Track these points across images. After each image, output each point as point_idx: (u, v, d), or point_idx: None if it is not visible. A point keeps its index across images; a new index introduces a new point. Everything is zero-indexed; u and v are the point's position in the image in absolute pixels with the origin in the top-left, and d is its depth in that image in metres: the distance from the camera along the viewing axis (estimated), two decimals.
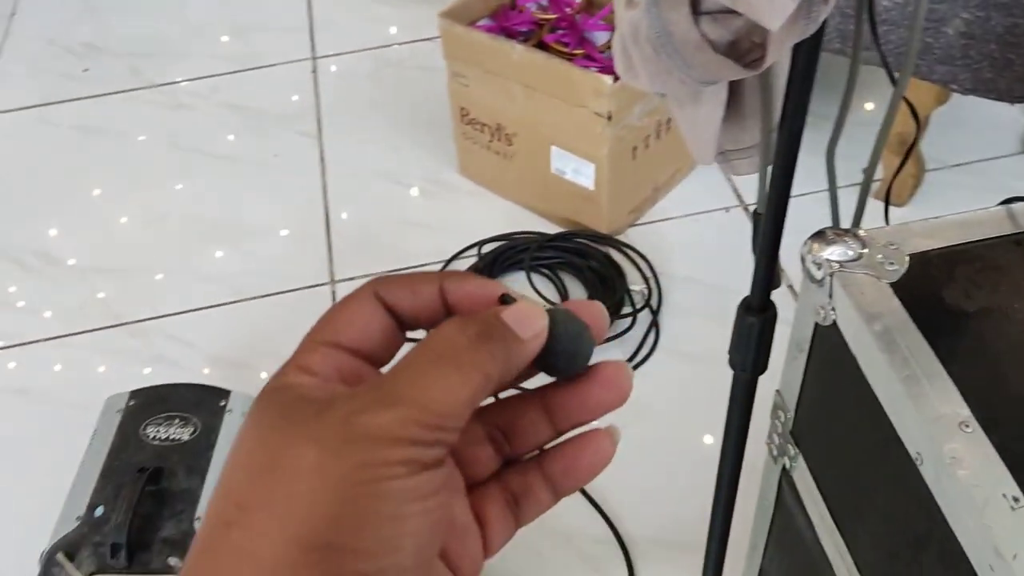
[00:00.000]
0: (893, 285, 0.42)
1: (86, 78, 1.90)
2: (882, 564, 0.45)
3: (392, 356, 0.28)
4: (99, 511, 1.02)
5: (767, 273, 0.54)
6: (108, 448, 1.08)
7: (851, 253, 0.44)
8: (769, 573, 0.63)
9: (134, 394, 1.14)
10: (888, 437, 0.41)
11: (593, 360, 0.28)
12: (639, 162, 1.41)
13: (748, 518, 0.73)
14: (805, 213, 0.63)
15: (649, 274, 1.40)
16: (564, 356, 0.26)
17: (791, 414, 0.53)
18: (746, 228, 1.48)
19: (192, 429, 1.09)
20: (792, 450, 0.53)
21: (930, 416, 0.37)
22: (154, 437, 1.09)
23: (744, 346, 0.57)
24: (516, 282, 1.40)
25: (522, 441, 0.29)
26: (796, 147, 0.50)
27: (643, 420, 1.23)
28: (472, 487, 0.29)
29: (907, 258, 0.43)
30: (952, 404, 0.38)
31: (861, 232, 0.46)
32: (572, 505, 1.15)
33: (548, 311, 0.26)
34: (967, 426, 0.37)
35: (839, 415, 0.47)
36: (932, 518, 0.39)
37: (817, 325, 0.47)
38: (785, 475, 0.56)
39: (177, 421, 1.10)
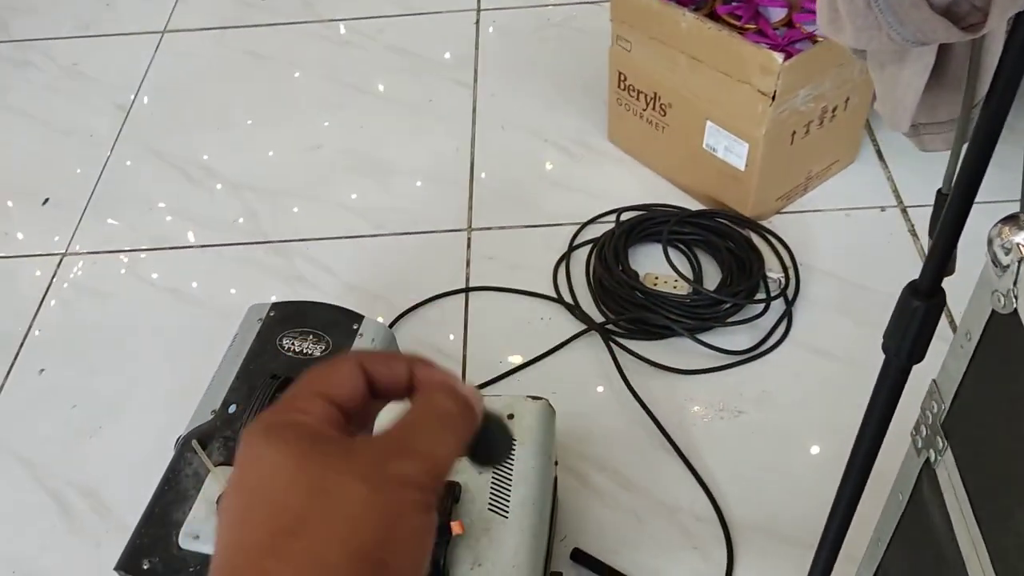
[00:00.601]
0: None
1: (263, 7, 1.99)
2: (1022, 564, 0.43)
3: (363, 414, 0.34)
4: (232, 408, 1.08)
5: (944, 257, 0.51)
6: (246, 353, 1.15)
7: None
8: (889, 571, 0.60)
9: (275, 306, 1.20)
10: None
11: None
12: (796, 148, 1.36)
13: (863, 514, 0.71)
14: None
15: (789, 263, 1.36)
16: (486, 448, 0.34)
17: (945, 405, 0.50)
18: (900, 230, 1.41)
19: (324, 347, 1.14)
20: (941, 443, 0.51)
21: None
22: (289, 348, 1.15)
23: (903, 331, 0.54)
24: (651, 255, 1.39)
25: None
26: (999, 126, 0.47)
27: (764, 409, 1.21)
28: None
29: None
30: None
31: None
32: (680, 480, 1.14)
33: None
34: None
35: (1003, 409, 0.44)
36: None
37: (994, 313, 0.44)
38: (927, 468, 0.53)
39: (311, 337, 1.16)
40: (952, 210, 0.49)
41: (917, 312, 0.53)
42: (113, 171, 1.67)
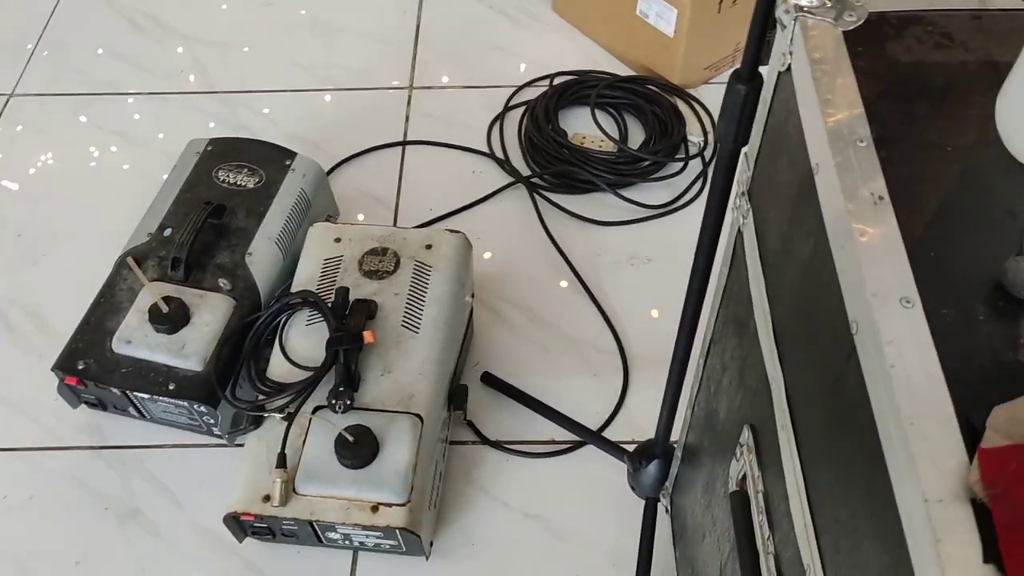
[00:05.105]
0: (845, 34, 0.46)
1: None
2: (792, 315, 0.51)
3: None
4: (167, 231, 1.15)
5: (757, 45, 0.58)
6: (183, 182, 1.21)
7: (817, 2, 0.48)
8: (719, 332, 0.69)
9: (212, 141, 1.25)
10: (803, 165, 0.46)
11: None
12: (724, 17, 1.41)
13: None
14: None
15: (709, 128, 1.42)
16: None
17: (750, 172, 0.58)
18: None
19: (258, 179, 1.21)
20: (746, 206, 0.59)
21: (835, 134, 0.42)
22: (224, 180, 1.21)
23: (730, 114, 0.61)
24: (581, 117, 1.45)
25: None
26: None
27: (671, 258, 1.29)
28: None
29: (867, 12, 0.47)
30: (861, 130, 0.43)
31: None
32: (588, 319, 1.23)
33: None
34: (861, 141, 0.42)
35: (781, 167, 0.52)
36: (819, 242, 0.44)
37: (779, 75, 0.51)
38: (739, 235, 0.61)
39: (246, 170, 1.22)
40: (761, 4, 0.56)
41: (738, 95, 0.60)
42: (62, 16, 1.68)
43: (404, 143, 1.45)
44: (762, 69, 0.61)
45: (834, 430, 0.44)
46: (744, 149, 0.60)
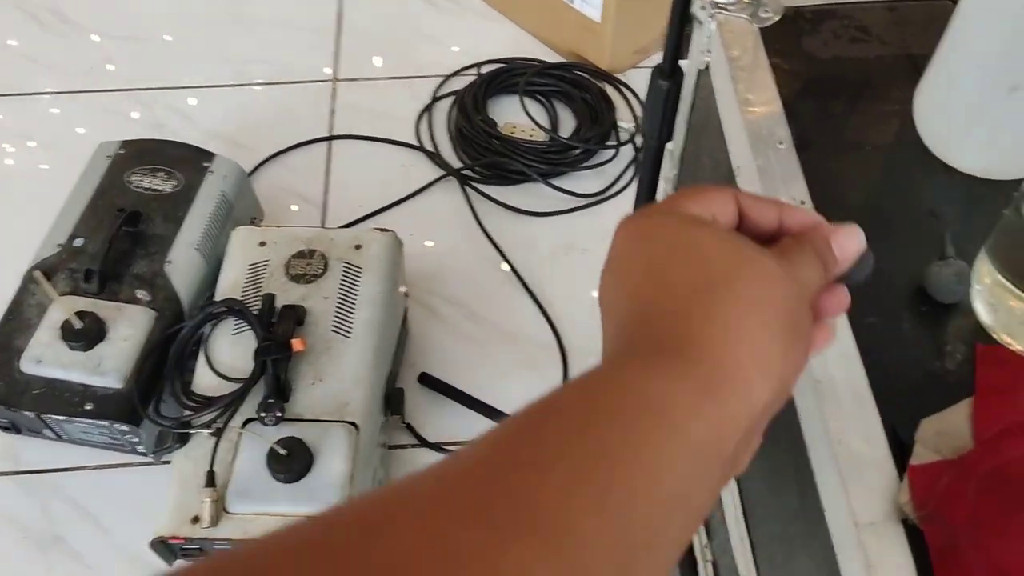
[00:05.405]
0: (762, 31, 0.45)
1: None
2: None
3: None
4: (78, 242, 1.09)
5: (677, 39, 0.56)
6: (94, 189, 1.15)
7: None
8: None
9: (125, 144, 1.20)
10: (724, 167, 0.44)
11: None
12: (651, 0, 1.39)
13: None
14: None
15: (640, 113, 1.41)
16: (854, 273, 0.34)
17: (676, 171, 0.57)
18: None
19: (175, 183, 1.15)
20: None
21: (755, 136, 0.41)
22: (138, 185, 1.15)
23: (653, 112, 0.59)
24: (510, 106, 1.42)
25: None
26: None
27: (607, 247, 1.28)
28: None
29: (783, 8, 0.46)
30: (780, 131, 0.42)
31: None
32: (525, 313, 1.22)
33: None
34: (781, 143, 0.41)
35: (704, 167, 0.50)
36: None
37: (699, 73, 0.50)
38: None
39: (161, 174, 1.16)
40: (677, 3, 0.54)
41: (660, 91, 0.58)
42: None
43: (330, 138, 1.41)
44: (684, 63, 0.59)
45: (767, 446, 0.43)
46: (669, 145, 0.59)
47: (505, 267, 1.26)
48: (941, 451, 0.35)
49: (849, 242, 0.33)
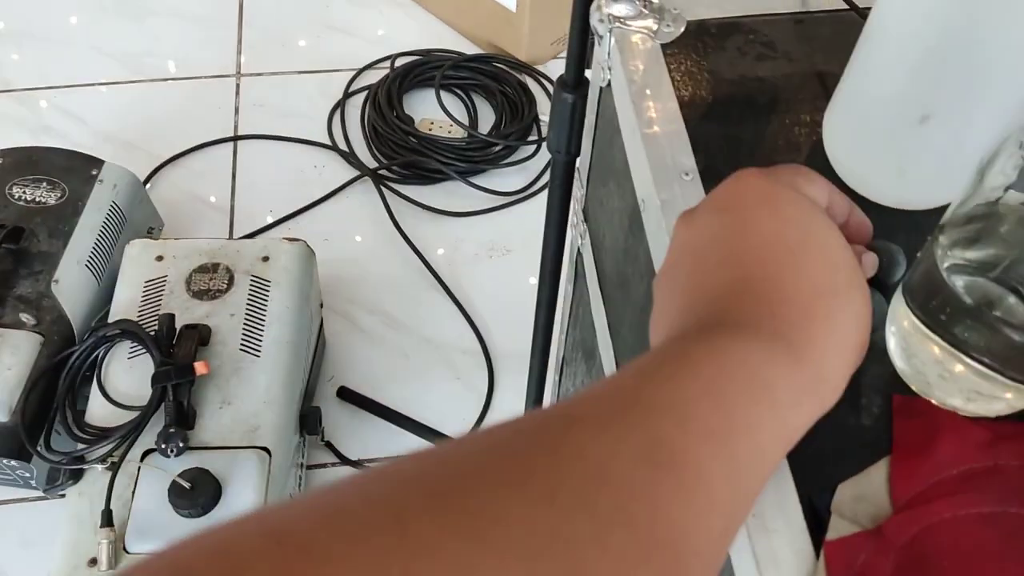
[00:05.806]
0: (664, 47, 0.41)
1: None
2: (632, 335, 0.46)
3: None
4: None
5: (580, 50, 0.52)
6: None
7: (633, 11, 0.42)
8: (569, 354, 0.64)
9: (3, 152, 1.10)
10: (630, 196, 0.40)
11: None
12: None
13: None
14: None
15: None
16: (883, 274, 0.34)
17: (584, 190, 0.53)
18: None
19: (60, 194, 1.07)
20: (583, 227, 0.54)
21: (658, 166, 0.37)
22: (19, 198, 1.06)
23: (560, 125, 0.55)
24: (427, 101, 1.36)
25: None
26: None
27: (531, 247, 1.24)
28: None
29: (685, 22, 0.42)
30: (685, 161, 0.38)
31: None
32: (448, 318, 1.17)
33: (876, 248, 0.35)
34: (687, 174, 0.37)
35: (611, 192, 0.47)
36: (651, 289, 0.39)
37: (601, 90, 0.46)
38: (579, 256, 0.56)
39: (45, 185, 1.08)
40: (578, 6, 0.50)
41: (566, 104, 0.54)
42: None
43: (235, 138, 1.33)
44: (590, 74, 0.55)
45: None
46: (579, 160, 0.55)
47: (426, 272, 1.21)
48: (859, 520, 0.32)
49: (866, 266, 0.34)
